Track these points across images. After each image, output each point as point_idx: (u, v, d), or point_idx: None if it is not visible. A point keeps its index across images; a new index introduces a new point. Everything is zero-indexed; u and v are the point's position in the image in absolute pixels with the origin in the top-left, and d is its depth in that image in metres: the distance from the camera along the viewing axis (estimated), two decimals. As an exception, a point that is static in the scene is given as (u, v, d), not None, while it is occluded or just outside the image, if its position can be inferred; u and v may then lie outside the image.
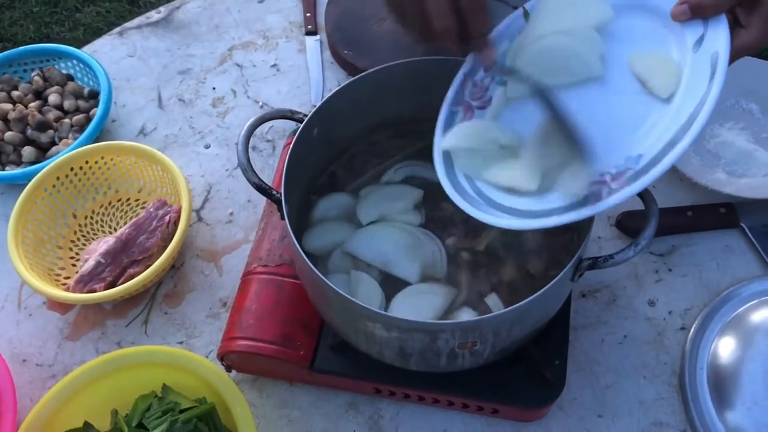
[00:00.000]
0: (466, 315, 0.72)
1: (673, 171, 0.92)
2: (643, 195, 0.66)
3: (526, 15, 0.72)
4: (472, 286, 0.75)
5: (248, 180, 0.72)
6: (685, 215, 0.91)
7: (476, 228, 0.77)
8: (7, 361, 0.81)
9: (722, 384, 0.79)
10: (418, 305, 0.72)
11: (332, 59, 1.15)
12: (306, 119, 0.74)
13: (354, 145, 0.84)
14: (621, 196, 0.59)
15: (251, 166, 0.72)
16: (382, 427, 0.80)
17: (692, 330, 0.83)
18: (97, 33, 2.25)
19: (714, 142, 0.96)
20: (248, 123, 0.73)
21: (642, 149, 0.61)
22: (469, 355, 0.67)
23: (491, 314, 0.63)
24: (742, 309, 0.83)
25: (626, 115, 0.64)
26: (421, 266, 0.75)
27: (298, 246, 0.65)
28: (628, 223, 0.90)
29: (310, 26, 1.19)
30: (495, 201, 0.67)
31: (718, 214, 0.91)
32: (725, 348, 0.81)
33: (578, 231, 0.72)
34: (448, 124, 0.73)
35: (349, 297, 0.62)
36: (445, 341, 0.63)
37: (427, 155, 0.73)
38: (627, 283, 0.88)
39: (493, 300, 0.73)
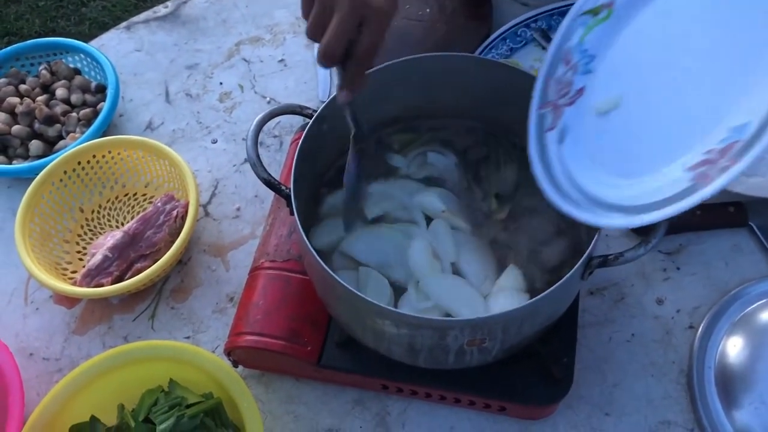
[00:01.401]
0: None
1: (682, 169, 0.92)
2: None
3: None
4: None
5: (257, 175, 0.72)
6: (693, 214, 0.90)
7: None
8: (14, 355, 0.81)
9: (730, 383, 0.78)
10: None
11: (340, 55, 1.15)
12: (315, 115, 0.74)
13: (362, 140, 0.84)
14: (732, 174, 0.54)
15: (260, 162, 0.72)
16: (389, 423, 0.80)
17: (700, 329, 0.82)
18: (103, 27, 2.25)
19: (723, 140, 0.95)
20: (257, 118, 0.73)
21: (746, 116, 0.55)
22: (478, 352, 0.66)
23: (501, 312, 0.62)
24: (750, 308, 0.83)
25: (722, 81, 0.59)
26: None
27: (307, 241, 0.65)
28: (637, 221, 0.90)
29: None
30: (597, 197, 0.64)
31: (727, 213, 0.90)
32: (733, 347, 0.81)
33: (588, 229, 0.72)
34: (539, 130, 0.70)
35: (358, 293, 0.62)
36: (455, 338, 0.63)
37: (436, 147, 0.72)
38: (635, 281, 0.88)
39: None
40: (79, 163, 0.97)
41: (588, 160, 0.68)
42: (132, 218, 0.95)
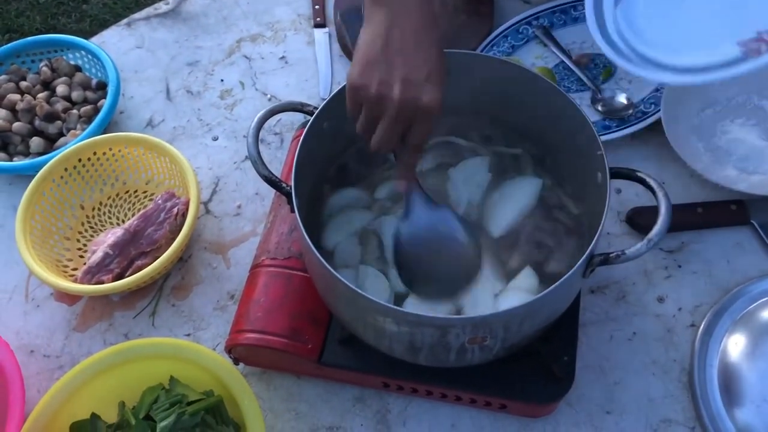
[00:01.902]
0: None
1: (684, 167, 0.92)
2: (656, 191, 0.65)
3: None
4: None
5: (258, 173, 0.71)
6: (695, 212, 0.90)
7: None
8: (14, 352, 0.81)
9: (732, 382, 0.78)
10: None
11: (341, 52, 1.15)
12: (316, 112, 0.74)
13: (363, 138, 0.84)
14: None
15: (261, 159, 0.72)
16: (390, 421, 0.80)
17: (702, 327, 0.82)
18: (104, 24, 2.24)
19: (725, 138, 0.95)
20: (258, 115, 0.73)
21: None
22: (479, 350, 0.66)
23: (502, 310, 0.62)
24: (752, 306, 0.83)
25: None
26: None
27: (308, 239, 0.65)
28: (639, 220, 0.90)
29: (318, 19, 1.18)
30: (648, 57, 0.72)
31: (729, 211, 0.90)
32: (735, 346, 0.80)
33: (589, 227, 0.72)
34: None
35: (359, 291, 0.61)
36: (456, 336, 0.63)
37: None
38: (636, 280, 0.88)
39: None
40: (79, 160, 0.97)
41: (643, 23, 0.76)
42: (133, 215, 0.95)
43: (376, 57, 0.63)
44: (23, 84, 1.08)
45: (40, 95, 1.07)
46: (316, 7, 1.19)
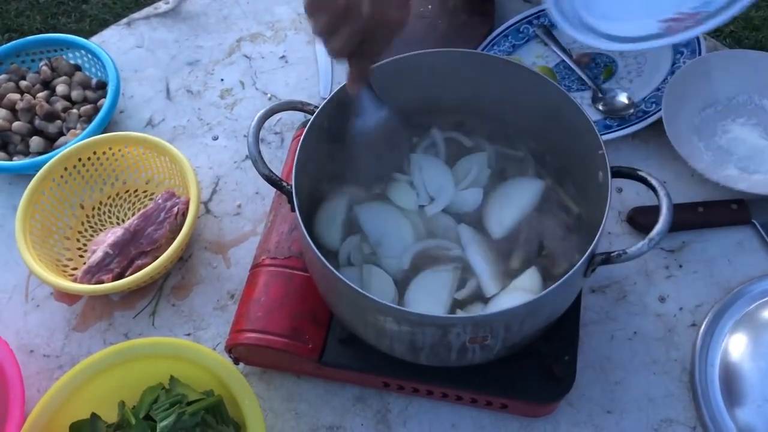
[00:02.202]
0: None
1: (684, 166, 0.91)
2: (657, 189, 0.65)
3: None
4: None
5: (259, 172, 0.71)
6: (696, 211, 0.90)
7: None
8: (14, 352, 0.81)
9: (733, 381, 0.78)
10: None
11: (341, 51, 1.14)
12: (317, 111, 0.74)
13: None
14: (691, 33, 0.79)
15: (262, 158, 0.72)
16: (390, 421, 0.80)
17: (703, 327, 0.82)
18: (104, 24, 2.23)
19: (726, 138, 0.95)
20: (259, 114, 0.73)
21: None
22: (480, 349, 0.66)
23: (503, 309, 0.62)
24: (753, 306, 0.83)
25: None
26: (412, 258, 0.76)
27: (308, 238, 0.65)
28: (640, 219, 0.90)
29: None
30: (591, 24, 0.85)
31: (730, 211, 0.90)
32: (736, 345, 0.80)
33: (590, 226, 0.72)
34: None
35: (359, 290, 0.61)
36: (457, 335, 0.63)
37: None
38: (637, 279, 0.87)
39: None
40: (79, 159, 0.97)
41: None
42: (133, 215, 0.95)
43: None
44: (23, 83, 1.08)
45: (40, 94, 1.06)
46: (317, 6, 1.19)
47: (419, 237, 0.77)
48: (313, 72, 1.13)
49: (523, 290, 0.72)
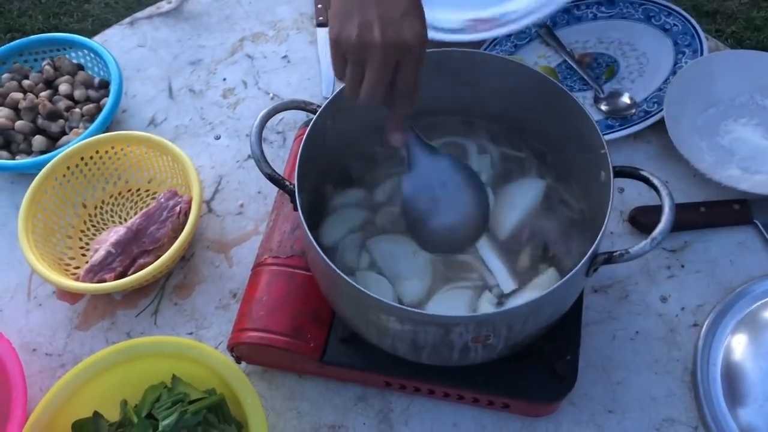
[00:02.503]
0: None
1: (686, 167, 0.92)
2: (659, 189, 0.65)
3: None
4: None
5: (261, 171, 0.71)
6: (698, 211, 0.90)
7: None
8: (17, 351, 0.81)
9: (735, 381, 0.78)
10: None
11: (343, 51, 1.14)
12: (319, 110, 0.74)
13: (367, 137, 0.84)
14: (482, 35, 1.02)
15: (264, 157, 0.72)
16: (392, 420, 0.80)
17: (705, 327, 0.82)
18: (106, 24, 2.23)
19: (728, 138, 0.95)
20: (262, 113, 0.73)
21: (512, 7, 1.01)
22: (482, 349, 0.66)
23: (506, 308, 0.62)
24: (755, 306, 0.83)
25: None
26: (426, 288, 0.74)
27: (311, 237, 0.65)
28: (641, 219, 0.90)
29: (321, 18, 1.18)
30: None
31: (732, 211, 0.90)
32: (738, 345, 0.80)
33: (592, 225, 0.72)
34: None
35: (362, 289, 0.61)
36: (459, 335, 0.63)
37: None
38: (639, 279, 0.87)
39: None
40: (82, 158, 0.97)
41: None
42: (135, 214, 0.95)
43: (351, 6, 0.62)
44: (26, 82, 1.08)
45: (43, 94, 1.07)
46: (319, 6, 1.19)
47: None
48: (316, 72, 1.13)
49: (540, 288, 0.72)
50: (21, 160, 1.00)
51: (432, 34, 0.69)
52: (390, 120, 0.68)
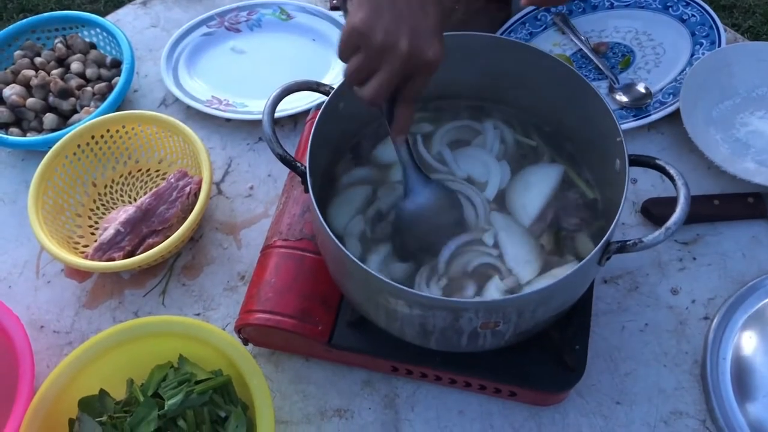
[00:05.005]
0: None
1: (701, 158, 0.91)
2: (675, 178, 0.64)
3: None
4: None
5: (273, 151, 0.71)
6: (711, 204, 0.89)
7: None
8: (25, 327, 0.81)
9: (744, 375, 0.78)
10: None
11: (357, 35, 1.14)
12: (332, 92, 0.73)
13: (378, 119, 0.83)
14: None
15: (276, 137, 0.71)
16: (398, 405, 0.80)
17: (715, 320, 0.81)
18: (118, 5, 2.24)
19: (744, 131, 0.94)
20: (274, 93, 0.72)
21: None
22: (491, 335, 0.66)
23: (517, 294, 0.62)
24: (767, 300, 0.82)
25: None
26: None
27: (321, 219, 0.64)
28: (654, 210, 0.89)
29: (335, 1, 1.17)
30: None
31: (746, 204, 0.89)
32: (749, 339, 0.80)
33: (606, 214, 0.71)
34: None
35: (372, 271, 0.61)
36: (468, 320, 0.62)
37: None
38: (650, 271, 0.87)
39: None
40: (92, 137, 0.97)
41: None
42: (145, 194, 0.95)
43: (384, 3, 0.61)
44: (38, 60, 1.08)
45: (55, 71, 1.06)
46: (333, -11, 1.19)
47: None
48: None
49: (553, 277, 0.71)
50: (32, 138, 1.00)
51: None
52: (393, 125, 0.69)
